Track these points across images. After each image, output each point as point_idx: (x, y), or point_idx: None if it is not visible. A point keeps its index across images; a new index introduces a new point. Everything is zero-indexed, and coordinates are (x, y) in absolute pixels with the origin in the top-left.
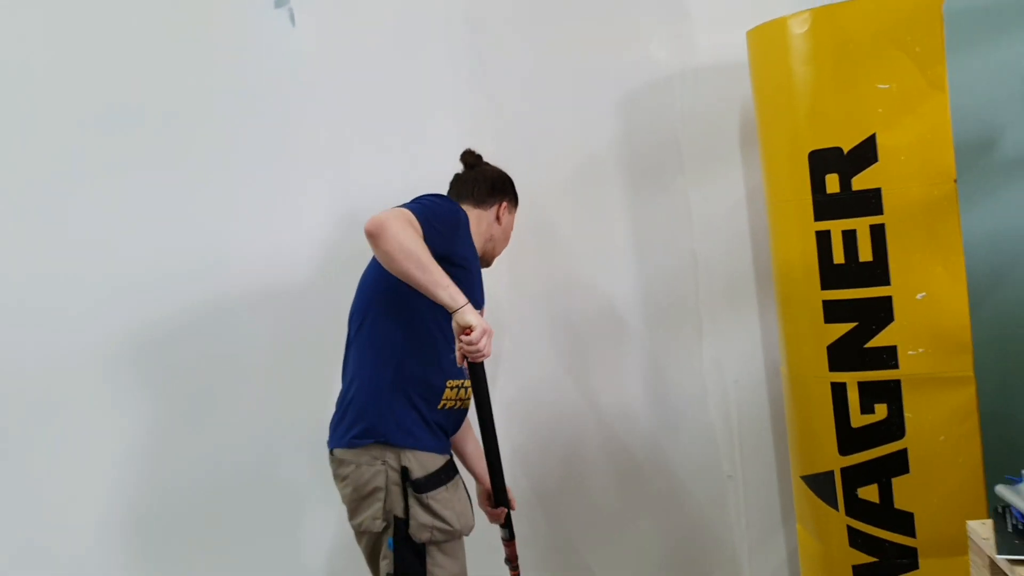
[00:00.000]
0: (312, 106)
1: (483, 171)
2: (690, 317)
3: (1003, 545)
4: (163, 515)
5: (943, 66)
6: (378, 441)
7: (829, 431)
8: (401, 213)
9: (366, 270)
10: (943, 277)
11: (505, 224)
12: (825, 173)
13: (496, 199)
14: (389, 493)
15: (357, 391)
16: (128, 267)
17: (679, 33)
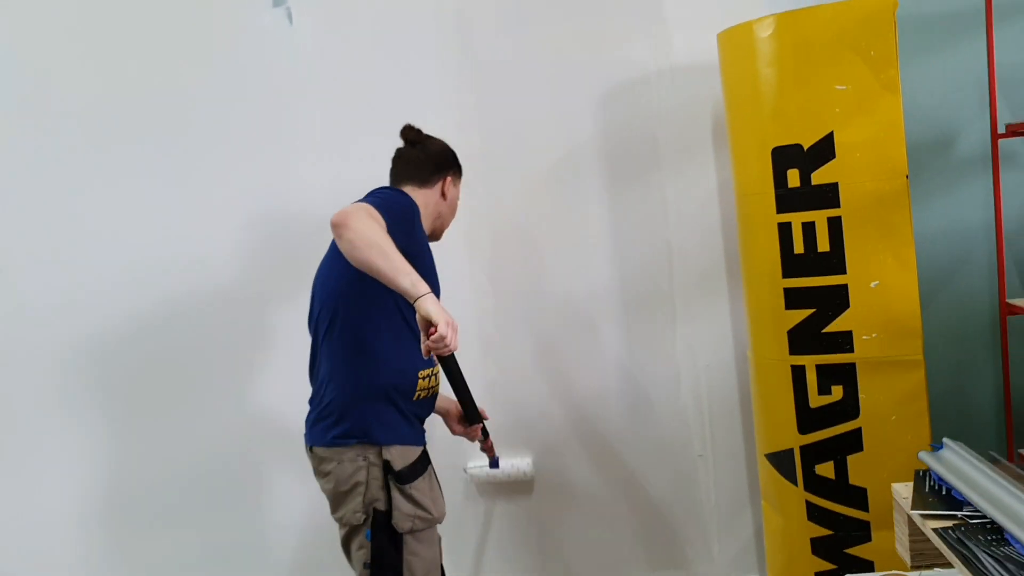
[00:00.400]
0: (307, 102)
1: (425, 148)
2: (664, 304)
3: (918, 502)
4: (132, 509)
5: (896, 69)
6: (360, 440)
7: (789, 411)
8: (364, 207)
9: (321, 273)
10: (895, 267)
11: (451, 198)
12: (787, 168)
13: (440, 175)
14: (369, 487)
15: (337, 393)
16: (112, 261)
17: (655, 34)
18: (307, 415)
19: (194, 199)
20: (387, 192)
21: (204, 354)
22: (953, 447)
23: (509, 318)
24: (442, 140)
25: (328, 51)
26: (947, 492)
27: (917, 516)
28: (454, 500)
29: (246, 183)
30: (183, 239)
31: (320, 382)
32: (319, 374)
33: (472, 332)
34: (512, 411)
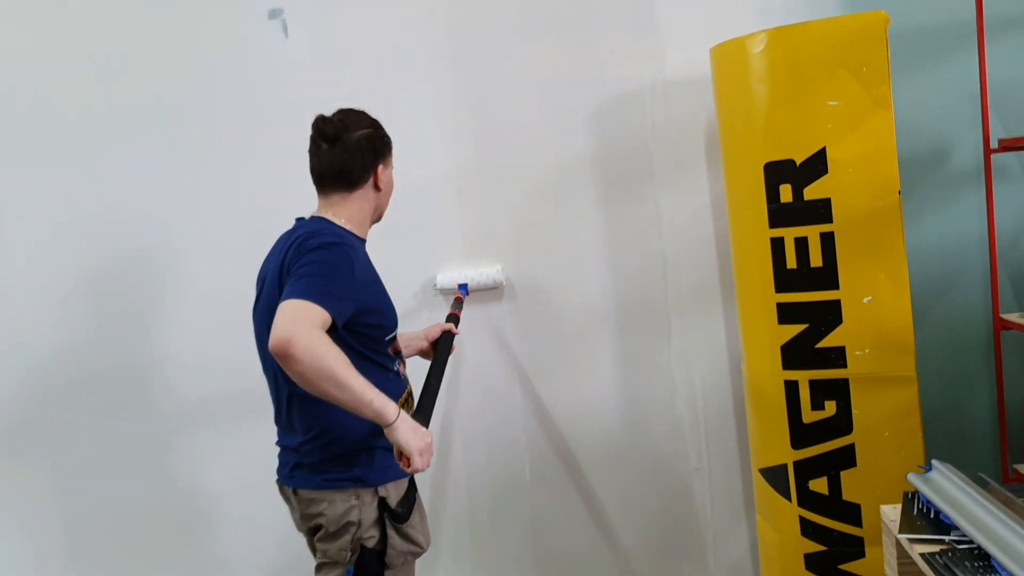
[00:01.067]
0: (302, 112)
1: (346, 143)
2: (659, 316)
3: (905, 525)
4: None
5: (888, 86)
6: (356, 483)
7: (783, 426)
8: (303, 315)
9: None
10: (887, 283)
11: (386, 182)
12: (779, 183)
13: (369, 171)
14: (361, 525)
15: (321, 445)
16: (103, 263)
17: (648, 49)
18: (281, 460)
19: (187, 207)
20: (318, 256)
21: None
22: (942, 469)
23: (505, 329)
24: (361, 116)
25: (322, 64)
26: (935, 515)
27: (905, 540)
28: (451, 507)
29: (240, 193)
30: (175, 247)
31: (295, 432)
32: (292, 424)
33: (467, 344)
34: (508, 423)
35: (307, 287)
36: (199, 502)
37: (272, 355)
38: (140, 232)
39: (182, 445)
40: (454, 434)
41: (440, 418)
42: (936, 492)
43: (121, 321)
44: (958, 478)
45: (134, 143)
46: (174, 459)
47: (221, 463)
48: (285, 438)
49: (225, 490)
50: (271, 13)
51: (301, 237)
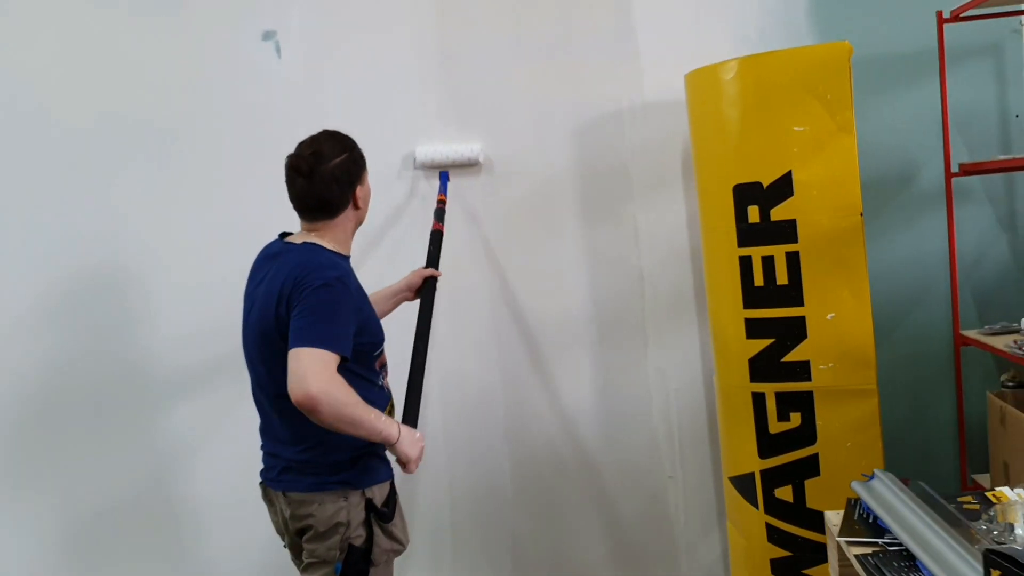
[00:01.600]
0: (294, 132)
1: (322, 173)
2: (636, 329)
3: (845, 529)
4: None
5: (851, 112)
6: (344, 486)
7: (750, 436)
8: (320, 367)
9: (257, 344)
10: (850, 300)
11: (364, 198)
12: (747, 204)
13: (349, 194)
14: (349, 526)
15: (308, 454)
16: (97, 277)
17: (628, 73)
18: (268, 463)
19: (181, 221)
20: (316, 299)
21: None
22: (883, 478)
23: (488, 340)
24: (334, 141)
25: (315, 83)
26: (873, 520)
27: (843, 542)
28: (434, 513)
29: (232, 208)
30: (169, 262)
31: (283, 440)
32: (281, 436)
33: (452, 353)
34: (490, 431)
35: (317, 333)
36: (188, 504)
37: (297, 406)
38: (129, 244)
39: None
40: (438, 442)
41: (425, 426)
42: (874, 498)
43: (112, 329)
44: (896, 486)
45: (130, 158)
46: (162, 461)
47: (209, 466)
48: (273, 446)
49: (215, 492)
50: (265, 35)
51: (298, 270)
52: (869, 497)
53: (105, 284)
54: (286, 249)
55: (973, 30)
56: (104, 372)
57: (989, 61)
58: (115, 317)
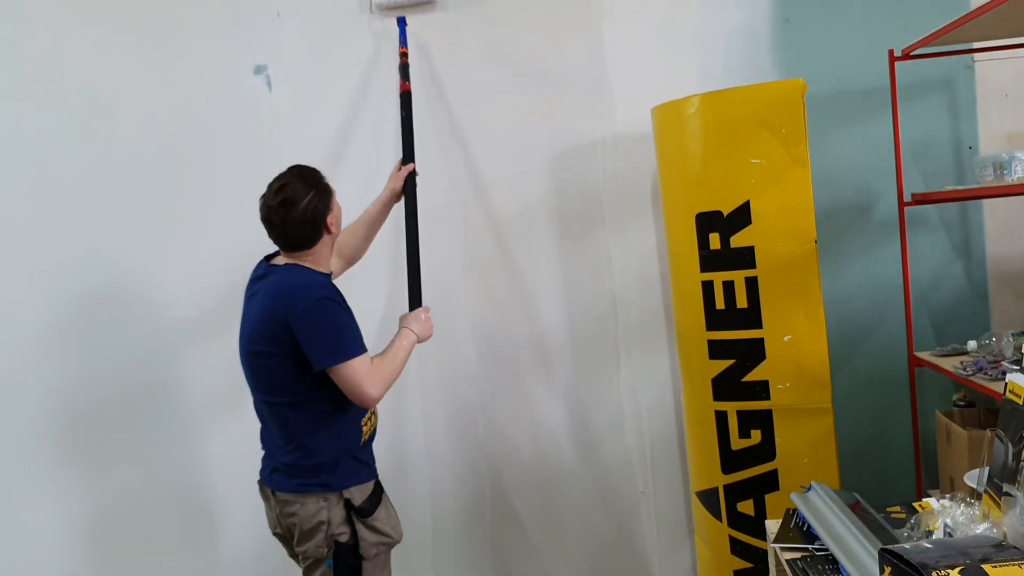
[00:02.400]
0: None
1: (293, 217)
2: (609, 350)
3: (780, 536)
4: (115, 538)
5: (805, 145)
6: (322, 488)
7: (714, 453)
8: (364, 375)
9: (257, 357)
10: (806, 323)
11: (335, 223)
12: (709, 232)
13: (320, 227)
14: (331, 524)
15: (294, 457)
16: (97, 303)
17: (601, 106)
18: (264, 463)
19: (174, 247)
20: (320, 321)
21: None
22: (818, 490)
23: (465, 360)
24: (301, 181)
25: (304, 116)
26: (807, 528)
27: (777, 548)
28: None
29: (224, 235)
30: (165, 289)
31: (275, 442)
32: (272, 435)
33: (431, 371)
34: (464, 447)
35: (338, 348)
36: (201, 501)
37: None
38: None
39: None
40: (420, 457)
41: (408, 442)
42: (808, 508)
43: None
44: (829, 497)
45: (124, 188)
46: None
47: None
48: (267, 445)
49: (227, 489)
50: (256, 69)
51: (286, 292)
52: (804, 507)
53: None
54: (271, 271)
55: (927, 66)
56: (124, 384)
57: (943, 96)
58: (122, 334)
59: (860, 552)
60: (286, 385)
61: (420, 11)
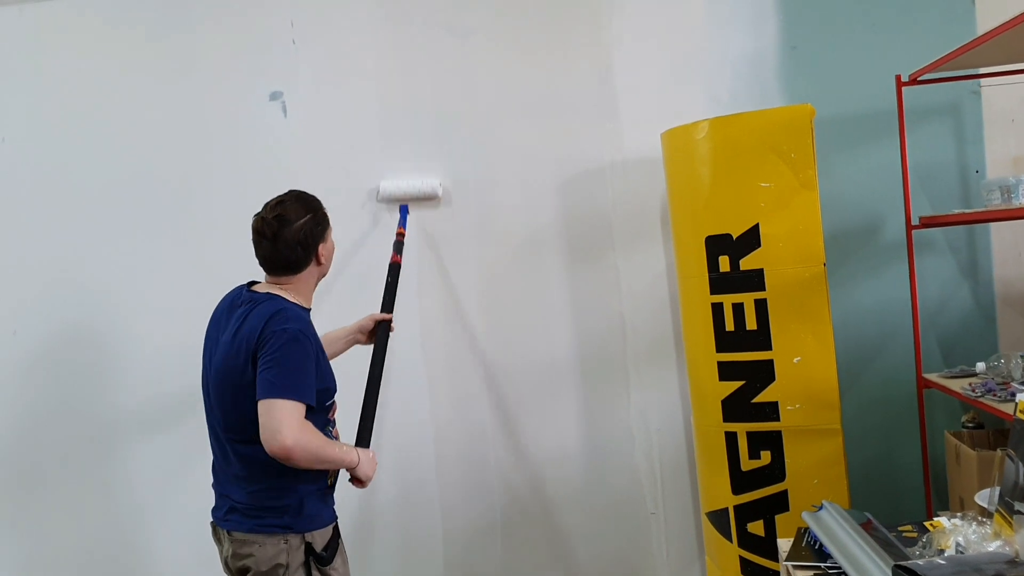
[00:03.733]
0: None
1: (285, 236)
2: (619, 372)
3: (792, 554)
4: None
5: (813, 170)
6: (285, 530)
7: (724, 473)
8: (290, 418)
9: (220, 386)
10: (815, 344)
11: (327, 255)
12: (719, 255)
13: (311, 252)
14: (288, 568)
15: (258, 494)
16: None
17: (610, 131)
18: (216, 503)
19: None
20: (282, 352)
21: None
22: (830, 509)
23: (476, 382)
24: (299, 204)
25: (317, 142)
26: (819, 547)
27: (789, 566)
28: (427, 546)
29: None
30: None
31: (234, 479)
32: (231, 471)
33: (442, 393)
34: (476, 467)
35: (285, 384)
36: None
37: (273, 456)
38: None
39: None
40: (431, 476)
41: (421, 461)
42: (820, 527)
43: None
44: (841, 516)
45: (135, 211)
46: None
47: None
48: (223, 485)
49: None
50: (272, 95)
51: (264, 322)
52: (816, 526)
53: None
54: (251, 299)
55: (934, 91)
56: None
57: (950, 120)
58: (89, 373)
59: (873, 570)
60: (253, 423)
61: None
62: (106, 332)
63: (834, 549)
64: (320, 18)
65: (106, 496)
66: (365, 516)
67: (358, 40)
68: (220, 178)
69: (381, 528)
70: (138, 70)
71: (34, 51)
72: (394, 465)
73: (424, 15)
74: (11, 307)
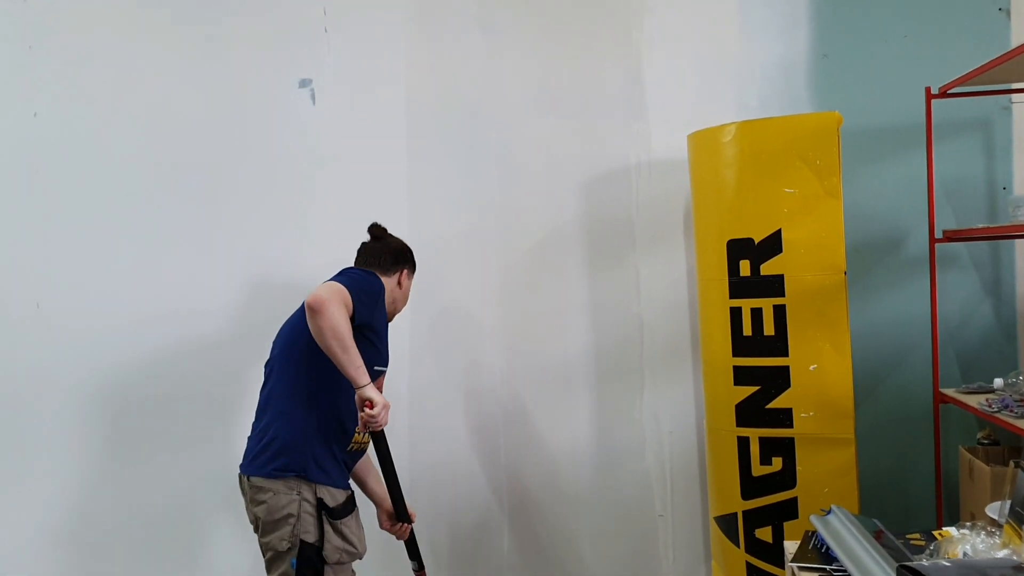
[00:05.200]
0: (325, 176)
1: (387, 243)
2: (634, 373)
3: (798, 556)
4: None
5: (838, 177)
6: (297, 475)
7: (734, 478)
8: (338, 291)
9: (287, 326)
10: (831, 353)
11: (405, 288)
12: (740, 259)
13: (399, 268)
14: (300, 520)
15: (283, 431)
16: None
17: (636, 132)
18: (247, 448)
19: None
20: (359, 274)
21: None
22: (839, 513)
23: (492, 375)
24: (401, 239)
25: (345, 130)
26: (826, 550)
27: (795, 567)
28: (433, 539)
29: (266, 241)
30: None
31: (267, 419)
32: (266, 412)
33: (456, 387)
34: (488, 462)
35: (347, 281)
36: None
37: (306, 307)
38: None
39: None
40: (444, 471)
41: (430, 455)
42: (827, 530)
43: None
44: (848, 520)
45: (168, 188)
46: None
47: None
48: (256, 425)
49: None
50: (301, 82)
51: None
52: (823, 529)
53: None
54: None
55: (964, 105)
56: None
57: (979, 135)
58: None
59: (878, 573)
60: (298, 339)
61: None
62: (134, 312)
63: (840, 552)
64: (352, 7)
65: None
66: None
67: (389, 32)
68: (250, 162)
69: None
70: (169, 51)
71: (67, 29)
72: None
73: (456, 9)
74: (35, 280)
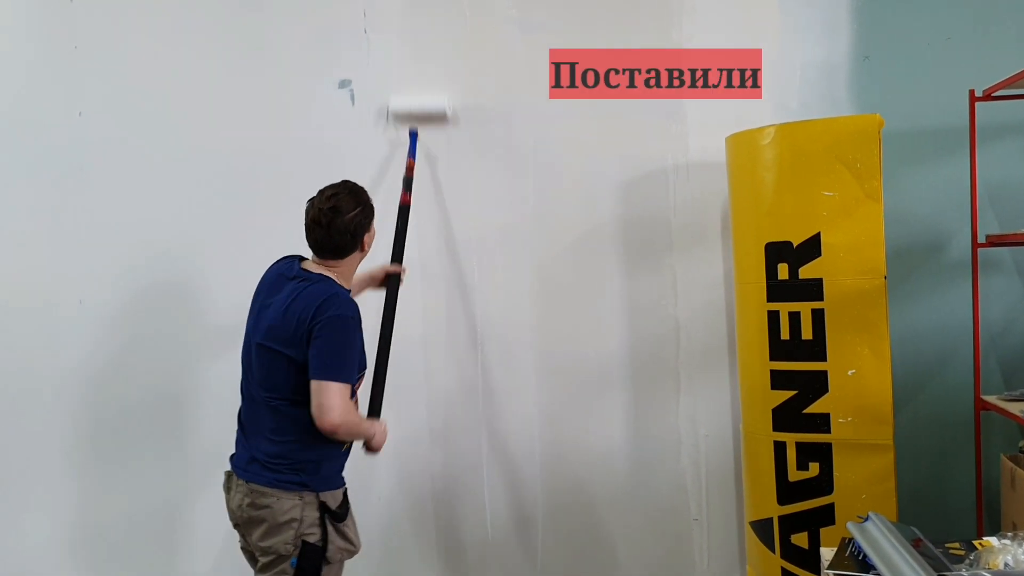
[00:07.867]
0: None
1: (338, 227)
2: (670, 375)
3: (835, 563)
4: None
5: (879, 181)
6: (301, 488)
7: (771, 483)
8: (341, 401)
9: (260, 329)
10: (871, 358)
11: (369, 242)
12: (778, 262)
13: (358, 241)
14: (303, 523)
15: (284, 448)
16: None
17: (676, 134)
18: (238, 453)
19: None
20: (334, 334)
21: None
22: (876, 520)
23: (528, 376)
24: (350, 196)
25: (383, 132)
26: (863, 557)
27: (831, 574)
28: (472, 535)
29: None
30: None
31: (261, 431)
32: (261, 423)
33: (491, 384)
34: (521, 462)
35: (338, 367)
36: None
37: (319, 430)
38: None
39: None
40: (480, 469)
41: (469, 454)
42: (864, 537)
43: None
44: (886, 528)
45: (209, 186)
46: None
47: None
48: (249, 437)
49: None
50: (341, 83)
51: (321, 303)
52: (860, 536)
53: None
54: (304, 276)
55: (1008, 108)
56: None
57: (1023, 138)
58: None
59: None
60: (292, 386)
61: None
62: (175, 305)
63: (877, 560)
64: (392, 9)
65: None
66: (409, 502)
67: (427, 33)
68: (287, 161)
69: (424, 516)
70: (211, 52)
71: (112, 30)
72: (436, 456)
73: (494, 11)
74: (80, 275)
